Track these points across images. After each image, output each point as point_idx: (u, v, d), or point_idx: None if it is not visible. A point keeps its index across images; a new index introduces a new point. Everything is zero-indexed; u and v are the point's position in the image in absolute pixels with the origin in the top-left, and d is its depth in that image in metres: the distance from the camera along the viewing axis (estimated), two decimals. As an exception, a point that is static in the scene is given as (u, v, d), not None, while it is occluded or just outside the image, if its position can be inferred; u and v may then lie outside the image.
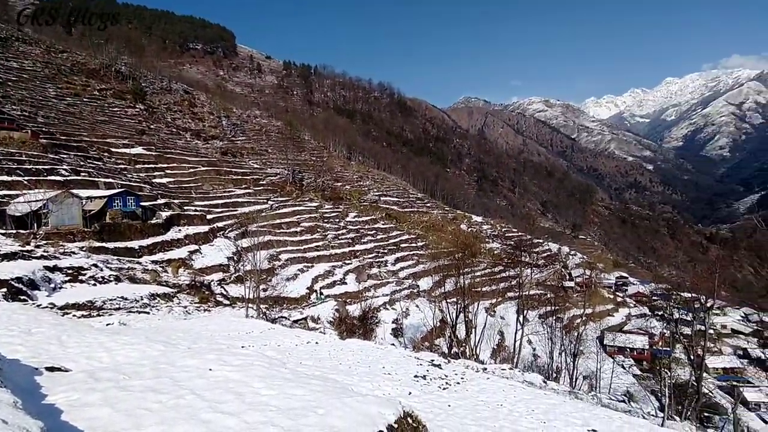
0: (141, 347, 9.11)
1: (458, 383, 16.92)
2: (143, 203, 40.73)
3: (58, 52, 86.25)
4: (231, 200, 59.08)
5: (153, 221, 40.39)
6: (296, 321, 36.20)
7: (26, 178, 36.48)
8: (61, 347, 8.54)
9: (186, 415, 5.19)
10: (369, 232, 71.95)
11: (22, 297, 21.81)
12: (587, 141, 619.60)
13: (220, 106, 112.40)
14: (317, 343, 20.72)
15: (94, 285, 27.04)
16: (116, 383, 6.15)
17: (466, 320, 44.15)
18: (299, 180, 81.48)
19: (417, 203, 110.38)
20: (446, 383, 16.50)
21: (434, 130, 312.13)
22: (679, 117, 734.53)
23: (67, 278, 26.19)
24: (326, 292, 47.91)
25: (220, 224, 50.21)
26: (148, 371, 6.89)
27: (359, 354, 19.57)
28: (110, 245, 33.63)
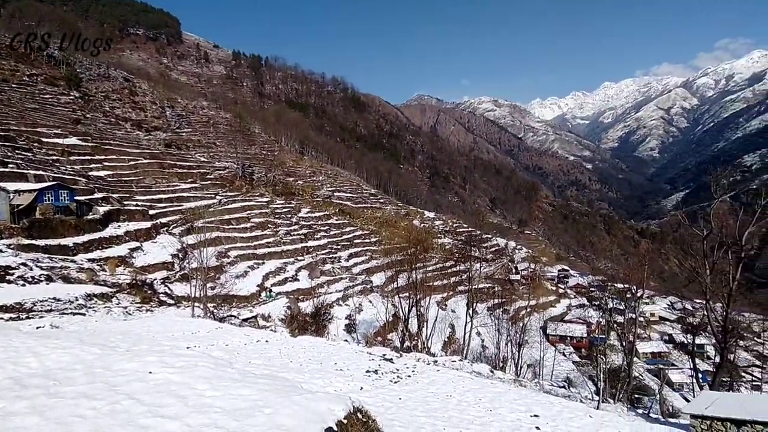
0: (74, 351, 8.58)
1: (409, 376, 17.27)
2: (78, 197, 37.94)
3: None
4: (176, 195, 56.42)
5: (89, 217, 37.80)
6: (246, 319, 35.29)
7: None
8: (-19, 354, 7.88)
9: (123, 421, 4.97)
10: (322, 228, 71.34)
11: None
12: (533, 140, 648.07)
13: (164, 96, 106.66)
14: (267, 342, 20.39)
15: (23, 285, 25.23)
16: (46, 390, 5.77)
17: (418, 314, 44.99)
18: (249, 174, 79.16)
19: (370, 199, 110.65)
20: (398, 377, 16.80)
21: (388, 127, 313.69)
22: (615, 119, 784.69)
23: (-9, 279, 24.12)
24: (278, 289, 47.01)
25: (164, 220, 47.85)
26: (82, 376, 6.51)
27: (311, 351, 19.47)
28: (41, 242, 31.16)
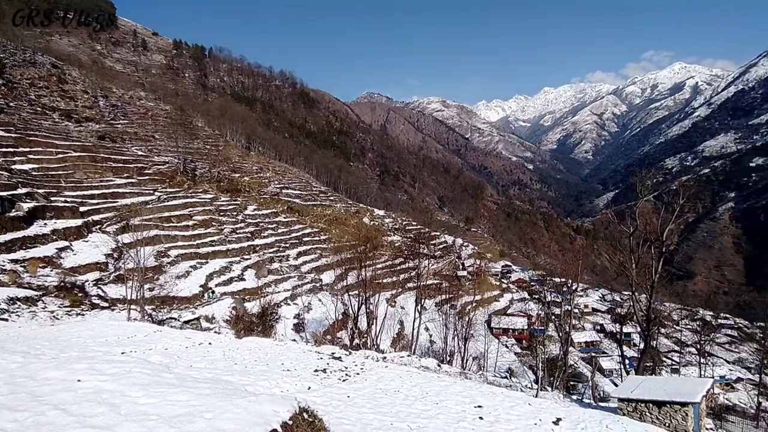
0: (-11, 362, 7.79)
1: (358, 374, 17.32)
2: (-2, 193, 34.54)
3: None
4: (110, 191, 52.54)
5: (12, 214, 34.47)
6: (188, 321, 33.72)
7: None
8: None
9: (46, 435, 4.61)
10: (270, 226, 69.48)
11: None
12: (479, 141, 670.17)
13: (97, 85, 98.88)
14: (210, 344, 19.66)
15: (-72, 291, 22.59)
16: (-47, 406, 5.21)
17: (368, 312, 45.12)
18: (191, 170, 75.46)
19: (320, 196, 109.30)
20: (346, 375, 16.79)
21: (338, 124, 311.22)
22: (554, 123, 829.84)
23: None
24: (223, 289, 45.26)
25: (97, 217, 44.48)
26: (2, 386, 5.95)
27: (257, 352, 19.00)
28: (-49, 242, 28.10)
